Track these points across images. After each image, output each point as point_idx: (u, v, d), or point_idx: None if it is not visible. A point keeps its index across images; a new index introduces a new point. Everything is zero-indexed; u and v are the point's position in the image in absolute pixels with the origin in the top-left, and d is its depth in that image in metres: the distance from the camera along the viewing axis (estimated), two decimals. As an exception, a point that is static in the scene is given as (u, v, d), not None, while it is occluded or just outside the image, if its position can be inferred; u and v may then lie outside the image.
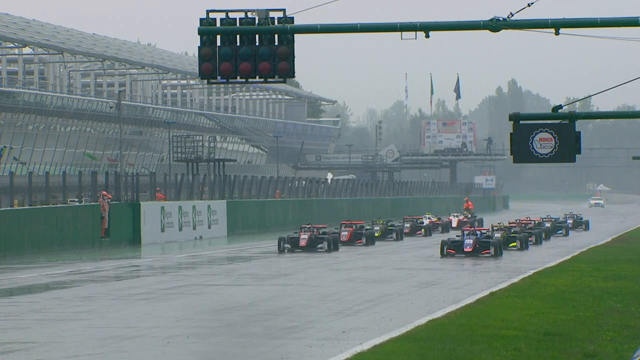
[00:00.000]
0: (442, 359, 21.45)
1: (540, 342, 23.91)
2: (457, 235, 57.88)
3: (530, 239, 64.86)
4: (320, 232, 60.87)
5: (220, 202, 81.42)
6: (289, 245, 59.39)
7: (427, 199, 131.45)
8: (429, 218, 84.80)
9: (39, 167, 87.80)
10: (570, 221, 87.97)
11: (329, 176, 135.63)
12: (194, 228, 76.39)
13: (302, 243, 59.06)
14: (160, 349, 24.93)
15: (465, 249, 54.40)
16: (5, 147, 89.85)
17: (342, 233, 65.02)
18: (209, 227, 78.44)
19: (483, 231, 58.21)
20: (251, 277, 43.99)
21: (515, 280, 40.63)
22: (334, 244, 60.01)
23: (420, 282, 41.84)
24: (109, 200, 67.59)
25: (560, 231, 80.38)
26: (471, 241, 54.57)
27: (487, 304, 32.01)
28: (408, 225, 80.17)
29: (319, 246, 59.61)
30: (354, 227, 66.80)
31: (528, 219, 77.19)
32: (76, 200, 69.24)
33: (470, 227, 61.26)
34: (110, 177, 74.27)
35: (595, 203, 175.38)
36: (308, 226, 61.46)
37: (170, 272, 47.61)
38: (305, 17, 26.13)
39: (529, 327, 26.36)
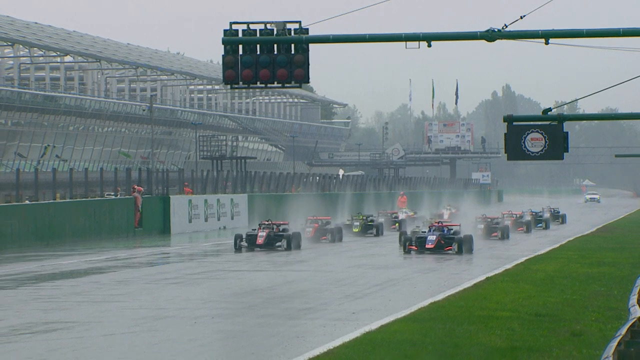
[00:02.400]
0: (443, 338, 21.45)
1: (532, 322, 23.91)
2: (422, 231, 49.50)
3: (494, 234, 60.20)
4: (281, 229, 51.88)
5: (242, 196, 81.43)
6: (245, 244, 51.09)
7: (429, 193, 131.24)
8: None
9: (78, 164, 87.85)
10: (547, 214, 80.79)
11: (340, 172, 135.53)
12: (218, 219, 76.40)
13: (260, 241, 50.65)
14: (188, 328, 24.96)
15: (427, 245, 47.24)
16: (48, 145, 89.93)
17: (307, 229, 56.63)
18: (232, 218, 78.43)
19: (450, 227, 49.26)
20: (270, 264, 43.98)
21: (508, 266, 40.61)
22: (294, 242, 51.33)
23: (422, 269, 41.84)
24: (142, 194, 67.65)
25: (540, 224, 75.41)
26: (434, 237, 47.25)
27: (484, 288, 31.99)
28: (382, 220, 69.22)
29: (277, 244, 50.97)
30: (319, 223, 58.42)
31: (510, 212, 72.04)
32: (112, 194, 69.32)
33: (438, 223, 50.41)
34: (142, 173, 74.32)
35: (591, 198, 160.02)
36: (267, 223, 52.35)
37: (197, 259, 47.63)
38: (319, 28, 26.17)
39: (521, 308, 26.36)
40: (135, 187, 68.67)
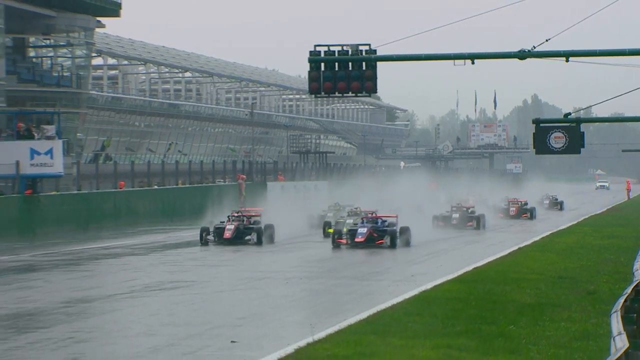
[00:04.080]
0: (483, 295, 21.35)
1: (555, 283, 23.75)
2: (354, 223, 37.75)
3: (524, 214, 56.74)
4: (251, 222, 38.97)
5: (323, 182, 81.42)
6: (211, 237, 38.24)
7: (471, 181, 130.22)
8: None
9: (195, 157, 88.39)
10: (547, 202, 71.75)
11: (402, 164, 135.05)
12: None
13: (227, 235, 37.96)
14: (282, 286, 25.05)
15: (356, 239, 36.02)
16: (172, 143, 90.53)
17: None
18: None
19: (385, 219, 37.57)
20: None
21: (536, 239, 40.32)
22: (266, 235, 38.41)
23: (467, 241, 41.61)
24: (245, 180, 67.94)
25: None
26: (365, 230, 36.19)
27: (516, 256, 31.81)
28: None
29: (246, 237, 38.28)
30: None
31: (515, 199, 61.45)
32: (222, 181, 69.70)
33: (372, 214, 38.17)
34: (245, 164, 74.68)
35: (600, 185, 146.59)
36: (237, 214, 39.40)
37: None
38: (385, 49, 26.07)
39: (546, 272, 26.19)
40: (240, 175, 69.00)
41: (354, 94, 26.07)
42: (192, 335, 17.24)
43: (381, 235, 36.34)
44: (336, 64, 25.70)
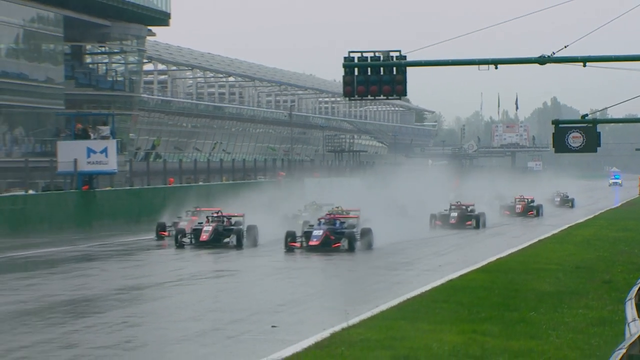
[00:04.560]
0: (506, 284, 21.28)
1: (573, 273, 23.62)
2: (310, 224, 32.58)
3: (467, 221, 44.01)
4: (232, 222, 33.58)
5: (356, 179, 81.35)
6: (187, 240, 32.89)
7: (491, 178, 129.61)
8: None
9: (238, 155, 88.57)
10: (557, 199, 65.85)
11: (429, 162, 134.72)
12: (340, 196, 76.20)
13: (204, 237, 32.33)
14: (319, 275, 25.09)
15: (310, 242, 30.85)
16: (217, 142, 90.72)
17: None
18: (350, 195, 78.23)
19: (344, 220, 32.54)
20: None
21: (555, 231, 40.12)
22: (249, 238, 33.15)
23: (491, 233, 41.47)
24: (284, 177, 68.02)
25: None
26: (320, 232, 30.98)
27: (537, 248, 31.67)
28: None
29: (225, 240, 32.96)
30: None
31: (522, 196, 55.00)
32: (262, 177, 69.84)
33: (329, 214, 33.26)
34: (284, 162, 74.78)
35: (613, 182, 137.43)
36: (217, 215, 33.87)
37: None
38: (414, 54, 26.01)
39: (565, 263, 26.05)
40: (280, 172, 69.09)
41: (385, 97, 26.07)
42: (235, 321, 17.30)
43: (338, 238, 31.05)
44: (369, 69, 25.69)
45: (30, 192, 45.10)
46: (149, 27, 64.98)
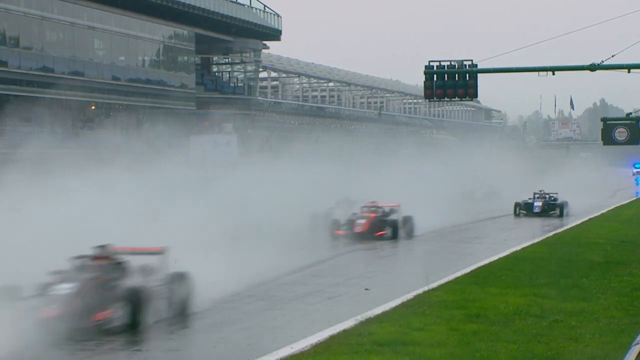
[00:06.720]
0: (561, 255, 21.00)
1: (619, 246, 23.19)
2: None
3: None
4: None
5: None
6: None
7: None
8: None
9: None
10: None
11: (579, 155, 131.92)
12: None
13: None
14: (402, 248, 25.01)
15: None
16: (318, 137, 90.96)
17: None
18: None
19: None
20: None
21: (603, 211, 39.31)
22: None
23: (546, 215, 40.69)
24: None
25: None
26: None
27: (587, 225, 31.17)
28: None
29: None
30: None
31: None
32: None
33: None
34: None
35: (637, 172, 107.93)
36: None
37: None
38: (485, 62, 25.80)
39: (612, 237, 25.58)
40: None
41: (459, 99, 25.90)
42: (334, 284, 17.42)
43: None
44: (445, 75, 25.53)
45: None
46: (264, 42, 65.87)
